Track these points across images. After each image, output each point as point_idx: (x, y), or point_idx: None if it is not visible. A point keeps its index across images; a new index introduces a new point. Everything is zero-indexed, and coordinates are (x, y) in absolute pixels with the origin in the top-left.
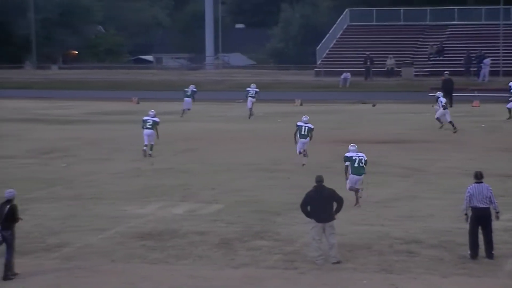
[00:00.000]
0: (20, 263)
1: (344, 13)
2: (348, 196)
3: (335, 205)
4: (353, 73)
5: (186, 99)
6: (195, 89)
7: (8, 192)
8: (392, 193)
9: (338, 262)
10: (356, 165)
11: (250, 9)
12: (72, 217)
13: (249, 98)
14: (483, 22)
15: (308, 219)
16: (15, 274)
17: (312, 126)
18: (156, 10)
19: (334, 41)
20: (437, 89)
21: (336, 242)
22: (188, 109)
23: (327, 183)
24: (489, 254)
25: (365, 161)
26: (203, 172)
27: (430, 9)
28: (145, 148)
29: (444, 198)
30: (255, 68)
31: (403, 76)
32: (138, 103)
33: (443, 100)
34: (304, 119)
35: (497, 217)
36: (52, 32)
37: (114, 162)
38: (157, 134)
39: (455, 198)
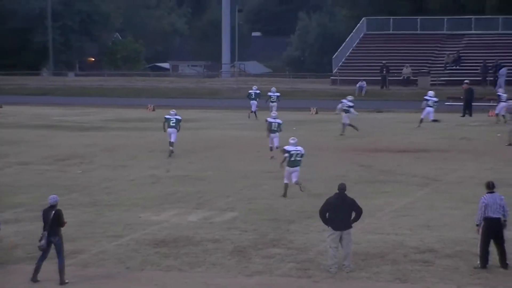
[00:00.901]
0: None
1: (361, 21)
2: (365, 206)
3: (352, 214)
4: (370, 82)
5: (251, 101)
6: (258, 91)
7: (51, 198)
8: (408, 202)
9: (351, 271)
10: (292, 158)
11: (267, 17)
12: (88, 224)
13: (271, 104)
14: (500, 31)
15: (325, 226)
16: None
17: (281, 122)
18: (173, 18)
19: (351, 50)
20: (455, 98)
21: (351, 251)
22: (254, 111)
23: (348, 193)
24: (504, 264)
25: (302, 154)
26: (219, 179)
27: (447, 18)
28: (171, 148)
29: (460, 207)
30: (272, 76)
31: (419, 85)
32: (153, 110)
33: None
34: (273, 115)
35: (505, 226)
36: (70, 39)
37: (131, 169)
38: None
39: (471, 208)
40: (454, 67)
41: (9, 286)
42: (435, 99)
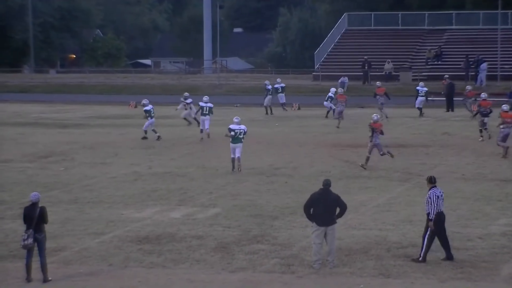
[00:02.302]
0: (18, 267)
1: (342, 17)
2: (348, 201)
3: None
4: (351, 77)
5: (279, 95)
6: (283, 85)
7: (33, 195)
8: (390, 197)
9: (334, 267)
10: (235, 136)
11: (248, 13)
12: (69, 221)
13: (279, 95)
14: (481, 26)
15: (309, 222)
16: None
17: (211, 105)
18: (154, 14)
19: (332, 45)
20: (436, 93)
21: (335, 247)
22: (284, 103)
23: (331, 188)
24: (450, 256)
25: (245, 132)
26: (201, 176)
27: (428, 13)
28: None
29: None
30: (253, 72)
31: (401, 80)
32: (135, 107)
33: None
34: (205, 99)
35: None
36: (51, 36)
37: (112, 166)
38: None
39: (453, 203)
40: (435, 62)
41: None
42: (425, 89)
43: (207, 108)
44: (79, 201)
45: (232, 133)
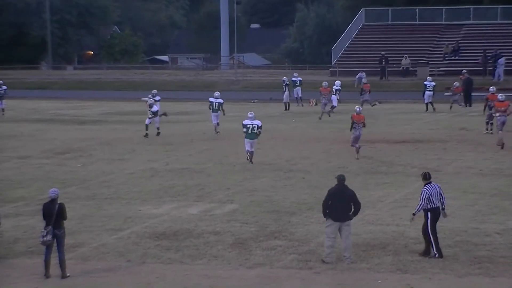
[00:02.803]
0: (36, 264)
1: (359, 12)
2: (366, 197)
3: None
4: (368, 73)
5: (296, 89)
6: (300, 79)
7: (52, 191)
8: (408, 192)
9: (352, 263)
10: (249, 131)
11: (265, 9)
12: (87, 217)
13: (297, 89)
14: (498, 21)
15: (324, 218)
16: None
17: (221, 101)
18: (171, 11)
19: (350, 41)
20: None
21: (351, 243)
22: (300, 97)
23: (348, 184)
24: (428, 252)
25: (258, 127)
26: (218, 172)
27: (445, 8)
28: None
29: (460, 198)
30: (270, 68)
31: (418, 75)
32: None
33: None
34: (216, 94)
35: (445, 214)
36: (68, 33)
37: (129, 162)
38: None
39: (471, 198)
40: (453, 58)
41: (9, 280)
42: (433, 83)
43: (217, 104)
44: (97, 197)
45: (245, 129)
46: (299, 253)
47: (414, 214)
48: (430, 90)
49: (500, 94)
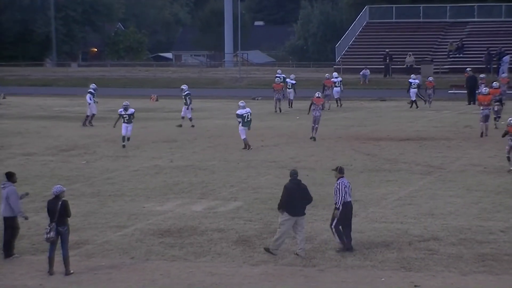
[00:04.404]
0: (40, 260)
1: (363, 10)
2: (370, 195)
3: None
4: (373, 70)
5: (289, 90)
6: (294, 81)
7: (56, 188)
8: (412, 190)
9: (299, 255)
10: (246, 120)
11: (270, 6)
12: (91, 214)
13: (288, 90)
14: (503, 19)
15: (280, 212)
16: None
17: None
18: (176, 8)
19: (354, 38)
20: (458, 86)
21: (305, 236)
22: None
23: (352, 182)
24: (350, 247)
25: (250, 114)
26: (223, 169)
27: (450, 6)
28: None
29: (464, 195)
30: (275, 66)
31: (422, 73)
32: (157, 100)
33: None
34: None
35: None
36: (73, 30)
37: (134, 159)
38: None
39: (475, 196)
40: (457, 55)
41: (14, 276)
42: (417, 81)
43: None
44: (101, 194)
45: (240, 119)
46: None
47: (338, 209)
48: (414, 88)
49: (485, 88)
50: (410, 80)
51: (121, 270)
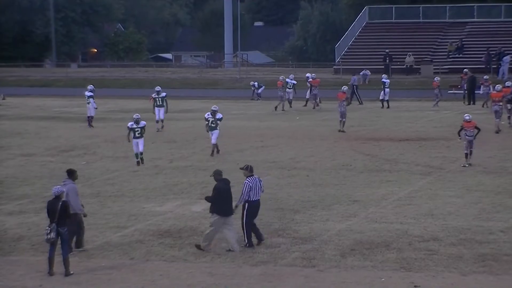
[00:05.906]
0: (40, 261)
1: (363, 10)
2: (370, 195)
3: None
4: (372, 71)
5: (288, 90)
6: (294, 81)
7: (55, 189)
8: (412, 190)
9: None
10: (210, 124)
11: (269, 7)
12: (91, 215)
13: (288, 90)
14: (502, 19)
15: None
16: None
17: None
18: (175, 8)
19: (353, 39)
20: (457, 86)
21: (236, 233)
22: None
23: (352, 182)
24: (261, 238)
25: (218, 119)
26: (222, 170)
27: (449, 6)
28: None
29: (464, 196)
30: (274, 66)
31: (422, 73)
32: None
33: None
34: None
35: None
36: (72, 30)
37: (133, 159)
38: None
39: (475, 196)
40: (456, 56)
41: (14, 277)
42: (388, 81)
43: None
44: (101, 194)
45: (207, 122)
46: (303, 251)
47: (236, 206)
48: (387, 87)
49: (497, 85)
50: (383, 80)
51: (121, 270)
